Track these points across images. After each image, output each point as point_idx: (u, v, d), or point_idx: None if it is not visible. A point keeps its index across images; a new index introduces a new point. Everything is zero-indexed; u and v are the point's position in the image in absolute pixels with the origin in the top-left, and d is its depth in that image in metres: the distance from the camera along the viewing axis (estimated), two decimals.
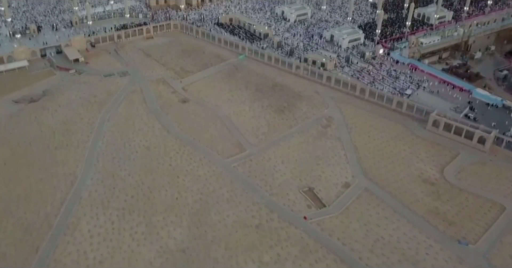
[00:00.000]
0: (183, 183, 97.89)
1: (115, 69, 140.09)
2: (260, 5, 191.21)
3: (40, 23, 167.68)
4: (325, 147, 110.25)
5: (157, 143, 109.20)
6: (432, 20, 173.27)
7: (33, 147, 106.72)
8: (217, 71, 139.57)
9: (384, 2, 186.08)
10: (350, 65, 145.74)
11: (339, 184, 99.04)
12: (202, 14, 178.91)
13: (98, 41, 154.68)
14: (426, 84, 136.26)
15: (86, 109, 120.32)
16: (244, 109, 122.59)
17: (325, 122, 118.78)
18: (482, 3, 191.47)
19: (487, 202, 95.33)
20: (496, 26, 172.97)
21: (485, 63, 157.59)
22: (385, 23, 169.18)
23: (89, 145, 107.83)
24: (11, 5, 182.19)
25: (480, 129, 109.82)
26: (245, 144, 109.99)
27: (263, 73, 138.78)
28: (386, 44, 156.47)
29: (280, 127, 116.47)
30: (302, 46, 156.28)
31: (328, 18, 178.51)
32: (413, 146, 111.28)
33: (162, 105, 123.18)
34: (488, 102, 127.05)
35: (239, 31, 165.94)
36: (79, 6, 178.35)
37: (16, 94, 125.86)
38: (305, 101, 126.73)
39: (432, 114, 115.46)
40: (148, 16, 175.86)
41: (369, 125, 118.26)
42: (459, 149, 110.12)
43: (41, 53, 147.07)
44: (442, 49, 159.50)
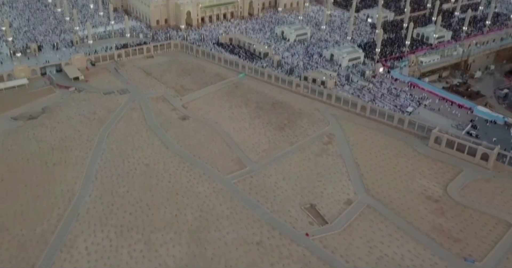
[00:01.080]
0: (182, 200, 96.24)
1: (115, 87, 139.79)
2: (260, 25, 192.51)
3: (41, 42, 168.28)
4: (326, 163, 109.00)
5: (156, 159, 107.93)
6: (431, 39, 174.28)
7: (30, 164, 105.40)
8: (217, 89, 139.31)
9: (383, 23, 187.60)
10: (350, 84, 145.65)
11: (341, 200, 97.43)
12: (202, 35, 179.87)
13: (98, 60, 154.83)
14: (427, 101, 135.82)
15: (85, 126, 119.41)
16: (244, 126, 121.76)
17: (326, 139, 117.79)
18: (481, 23, 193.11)
19: (492, 219, 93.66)
20: (495, 46, 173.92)
21: (485, 82, 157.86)
22: (384, 43, 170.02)
23: (88, 161, 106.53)
24: (13, 25, 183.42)
25: (482, 145, 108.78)
26: (246, 161, 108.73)
27: (263, 91, 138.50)
28: (386, 63, 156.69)
29: (280, 144, 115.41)
30: (302, 65, 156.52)
31: (327, 38, 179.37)
32: (415, 163, 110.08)
33: (162, 122, 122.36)
34: (487, 119, 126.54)
35: (239, 51, 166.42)
36: (79, 26, 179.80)
37: (15, 112, 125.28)
38: (306, 118, 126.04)
39: (434, 131, 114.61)
40: (148, 36, 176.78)
41: (371, 143, 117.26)
42: (461, 166, 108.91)
43: (41, 71, 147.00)
44: (442, 68, 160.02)
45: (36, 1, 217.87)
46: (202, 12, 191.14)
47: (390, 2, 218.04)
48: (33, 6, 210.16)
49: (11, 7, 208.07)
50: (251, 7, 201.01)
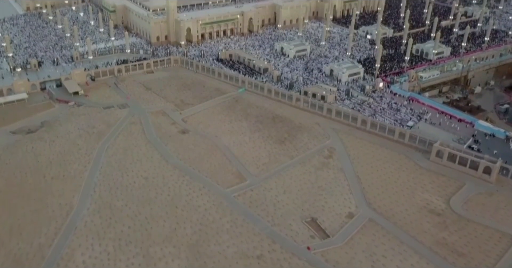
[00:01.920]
0: (182, 213, 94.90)
1: (114, 101, 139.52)
2: (259, 42, 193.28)
3: (41, 58, 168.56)
4: (327, 177, 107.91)
5: (155, 173, 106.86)
6: (430, 55, 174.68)
7: (28, 177, 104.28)
8: (217, 104, 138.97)
9: (382, 39, 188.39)
10: (351, 98, 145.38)
11: (342, 214, 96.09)
12: (202, 51, 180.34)
13: (98, 75, 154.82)
14: (428, 116, 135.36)
15: (84, 140, 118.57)
16: (244, 140, 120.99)
17: (327, 153, 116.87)
18: (479, 40, 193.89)
19: (496, 233, 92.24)
20: (494, 62, 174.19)
21: (485, 97, 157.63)
22: (384, 59, 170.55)
23: (86, 175, 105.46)
24: (13, 41, 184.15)
25: (485, 159, 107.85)
26: (246, 174, 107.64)
27: (263, 106, 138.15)
28: (385, 78, 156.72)
29: (281, 158, 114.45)
30: (302, 80, 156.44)
31: (327, 54, 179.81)
32: (417, 177, 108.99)
33: (161, 136, 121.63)
34: (486, 133, 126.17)
35: (238, 66, 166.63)
36: (80, 42, 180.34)
37: (14, 126, 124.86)
38: (306, 132, 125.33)
39: (435, 144, 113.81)
40: (148, 52, 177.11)
41: (372, 156, 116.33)
42: (464, 179, 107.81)
43: (41, 86, 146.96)
44: (442, 83, 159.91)
45: (37, 18, 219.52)
46: (202, 29, 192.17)
47: (389, 19, 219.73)
48: (34, 23, 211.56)
49: (12, 24, 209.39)
50: (251, 24, 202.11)
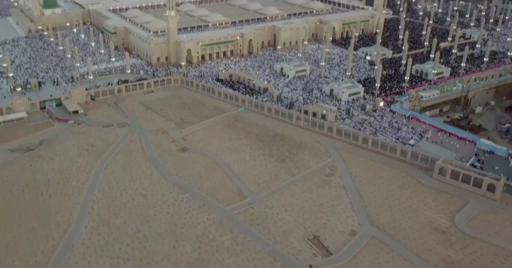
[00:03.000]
0: (181, 231, 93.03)
1: (114, 120, 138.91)
2: (259, 63, 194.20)
3: (42, 78, 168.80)
4: (329, 195, 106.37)
5: (154, 190, 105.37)
6: (430, 76, 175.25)
7: (26, 195, 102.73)
8: (217, 122, 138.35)
9: (382, 60, 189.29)
10: (351, 117, 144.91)
11: (345, 232, 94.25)
12: (202, 71, 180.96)
13: (99, 94, 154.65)
14: (429, 135, 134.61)
15: (83, 158, 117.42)
16: (244, 158, 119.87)
17: (328, 171, 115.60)
18: (478, 61, 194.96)
19: (502, 251, 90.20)
20: (494, 82, 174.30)
21: (486, 117, 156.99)
22: (384, 79, 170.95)
23: (85, 192, 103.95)
24: (14, 62, 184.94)
25: (488, 176, 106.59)
26: (246, 192, 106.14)
27: (263, 124, 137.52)
28: (386, 98, 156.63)
29: (282, 175, 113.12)
30: (302, 100, 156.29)
31: (327, 74, 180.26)
32: (420, 194, 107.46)
33: (161, 154, 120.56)
34: (485, 150, 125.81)
35: (238, 86, 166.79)
36: (80, 63, 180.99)
37: (13, 144, 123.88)
38: (307, 150, 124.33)
39: (437, 162, 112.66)
40: (149, 73, 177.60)
41: (374, 174, 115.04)
42: (468, 197, 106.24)
43: (41, 105, 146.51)
44: (442, 103, 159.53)
45: (39, 40, 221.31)
46: (202, 50, 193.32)
47: (387, 41, 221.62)
48: (35, 45, 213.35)
49: (14, 46, 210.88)
50: (251, 45, 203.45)
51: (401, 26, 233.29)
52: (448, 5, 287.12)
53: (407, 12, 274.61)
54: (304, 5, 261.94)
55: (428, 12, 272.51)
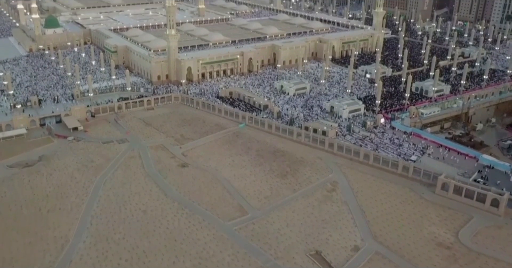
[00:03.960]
0: (181, 246, 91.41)
1: (114, 136, 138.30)
2: (259, 81, 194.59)
3: (42, 96, 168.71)
4: (331, 210, 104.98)
5: (154, 206, 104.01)
6: (430, 93, 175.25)
7: (24, 210, 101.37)
8: (217, 138, 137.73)
9: (382, 78, 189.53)
10: (352, 134, 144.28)
11: (348, 247, 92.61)
12: (202, 89, 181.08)
13: (99, 111, 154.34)
14: (430, 151, 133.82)
15: (82, 174, 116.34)
16: (245, 173, 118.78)
17: (330, 187, 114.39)
18: (478, 78, 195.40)
19: (508, 266, 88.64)
20: (494, 99, 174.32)
21: (487, 134, 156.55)
22: (384, 96, 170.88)
23: (83, 208, 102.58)
24: (15, 80, 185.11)
25: (492, 191, 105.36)
26: (247, 207, 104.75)
27: (264, 140, 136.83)
28: (386, 115, 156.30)
29: (283, 191, 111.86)
30: (302, 117, 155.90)
31: (327, 92, 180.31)
32: (423, 210, 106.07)
33: (161, 169, 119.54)
34: (484, 165, 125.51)
35: (239, 104, 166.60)
36: (81, 81, 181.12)
37: (11, 160, 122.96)
38: (308, 166, 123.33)
39: (440, 177, 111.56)
40: (149, 91, 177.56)
41: (376, 190, 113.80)
42: (471, 212, 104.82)
43: (40, 122, 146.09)
44: (443, 120, 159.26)
45: (40, 59, 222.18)
46: (203, 68, 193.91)
47: (387, 60, 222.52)
48: (36, 64, 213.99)
49: (14, 65, 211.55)
50: (251, 63, 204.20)
51: (400, 45, 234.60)
52: (446, 25, 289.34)
53: (406, 32, 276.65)
54: (303, 24, 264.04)
55: (427, 32, 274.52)
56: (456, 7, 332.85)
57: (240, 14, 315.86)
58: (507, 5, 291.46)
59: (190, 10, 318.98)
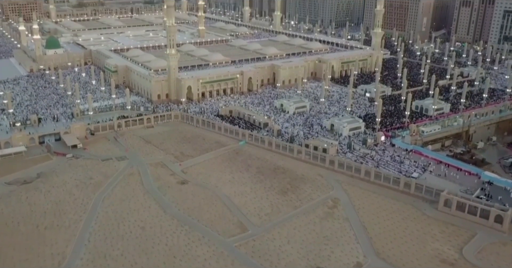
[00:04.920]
0: (180, 263, 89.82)
1: (113, 154, 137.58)
2: (259, 99, 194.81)
3: (42, 115, 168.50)
4: (333, 227, 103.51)
5: (153, 222, 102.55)
6: (430, 111, 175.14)
7: (21, 227, 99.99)
8: (217, 156, 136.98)
9: (382, 97, 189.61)
10: (352, 152, 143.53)
11: (350, 264, 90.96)
12: (202, 108, 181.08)
13: (98, 129, 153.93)
14: (432, 168, 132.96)
15: (81, 191, 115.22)
16: (245, 190, 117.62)
17: (331, 204, 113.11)
18: (478, 97, 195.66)
19: None
20: (495, 117, 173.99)
21: (488, 152, 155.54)
22: (384, 115, 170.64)
23: (81, 225, 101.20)
24: (15, 99, 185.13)
25: (495, 207, 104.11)
26: (248, 224, 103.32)
27: (264, 158, 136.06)
28: (387, 133, 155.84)
29: (284, 208, 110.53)
30: (303, 135, 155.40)
31: (327, 111, 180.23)
32: (426, 226, 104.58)
33: (160, 186, 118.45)
34: (484, 181, 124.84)
35: (239, 122, 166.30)
36: (81, 100, 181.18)
37: (10, 177, 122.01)
38: (309, 183, 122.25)
39: (442, 193, 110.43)
40: (149, 109, 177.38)
41: (377, 206, 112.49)
42: (475, 229, 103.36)
43: (40, 140, 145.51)
44: (444, 138, 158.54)
45: (40, 79, 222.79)
46: (203, 87, 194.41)
47: (386, 79, 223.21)
48: (36, 83, 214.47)
49: (14, 84, 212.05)
50: (250, 83, 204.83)
51: (399, 65, 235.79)
52: (445, 46, 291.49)
53: (405, 53, 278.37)
54: (303, 45, 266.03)
55: (425, 52, 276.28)
56: (454, 28, 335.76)
57: (239, 36, 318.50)
58: (505, 26, 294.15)
59: (190, 32, 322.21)
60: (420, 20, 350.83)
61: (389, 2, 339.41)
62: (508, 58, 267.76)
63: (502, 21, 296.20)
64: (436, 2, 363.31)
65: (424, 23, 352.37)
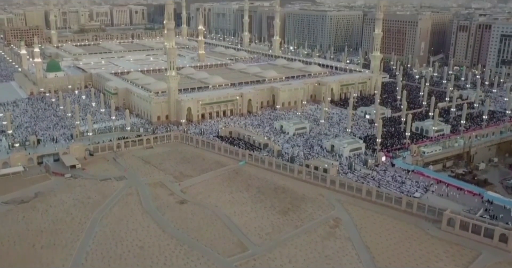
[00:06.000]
0: None
1: (112, 174, 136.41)
2: (259, 121, 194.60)
3: (41, 136, 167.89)
4: (335, 246, 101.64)
5: (151, 242, 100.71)
6: (430, 132, 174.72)
7: (17, 246, 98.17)
8: (217, 175, 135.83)
9: (381, 118, 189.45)
10: (353, 172, 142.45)
11: None
12: (202, 129, 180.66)
13: (97, 150, 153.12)
14: (434, 188, 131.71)
15: (79, 210, 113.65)
16: (246, 210, 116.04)
17: (332, 223, 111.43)
18: (478, 119, 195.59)
19: None
20: (496, 139, 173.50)
21: (490, 173, 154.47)
22: (384, 136, 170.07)
23: (79, 244, 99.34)
24: (15, 121, 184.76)
25: (500, 226, 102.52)
26: (248, 244, 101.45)
27: (264, 178, 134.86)
28: (388, 153, 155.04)
29: (285, 227, 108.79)
30: (303, 155, 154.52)
31: (327, 132, 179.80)
32: (430, 246, 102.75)
33: (159, 206, 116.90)
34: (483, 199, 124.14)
35: (238, 143, 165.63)
36: (81, 122, 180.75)
37: (7, 197, 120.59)
38: (310, 203, 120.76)
39: (445, 212, 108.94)
40: (149, 130, 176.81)
41: (380, 226, 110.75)
42: (480, 248, 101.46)
43: (38, 160, 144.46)
44: (445, 158, 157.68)
45: (40, 101, 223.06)
46: (203, 109, 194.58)
47: (386, 102, 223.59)
48: (36, 106, 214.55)
49: (14, 106, 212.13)
50: (250, 105, 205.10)
51: (398, 88, 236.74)
52: (443, 69, 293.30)
53: (404, 76, 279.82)
54: (302, 68, 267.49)
55: (424, 76, 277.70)
56: (452, 53, 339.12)
57: (239, 60, 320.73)
58: (502, 50, 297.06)
59: (190, 56, 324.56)
60: (418, 44, 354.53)
61: (387, 27, 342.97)
62: (507, 81, 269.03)
63: (499, 45, 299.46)
64: (434, 27, 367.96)
65: (422, 47, 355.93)
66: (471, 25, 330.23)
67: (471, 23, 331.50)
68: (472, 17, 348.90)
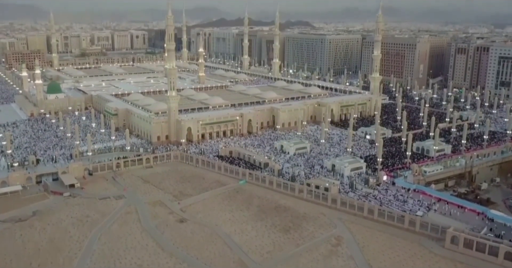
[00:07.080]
0: None
1: (111, 193, 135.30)
2: (259, 141, 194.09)
3: (41, 156, 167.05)
4: (337, 265, 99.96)
5: (150, 260, 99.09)
6: (431, 152, 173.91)
7: (13, 265, 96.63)
8: (217, 194, 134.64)
9: (382, 139, 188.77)
10: (355, 191, 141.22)
11: None
12: (202, 149, 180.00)
13: (97, 169, 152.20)
14: (436, 206, 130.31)
15: (77, 228, 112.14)
16: (246, 228, 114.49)
17: (334, 242, 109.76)
18: (478, 139, 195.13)
19: None
20: (497, 158, 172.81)
21: (493, 193, 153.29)
22: (385, 156, 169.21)
23: (76, 262, 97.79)
24: (14, 142, 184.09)
25: (504, 244, 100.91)
26: (249, 262, 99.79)
27: (265, 196, 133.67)
28: (389, 173, 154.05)
29: (286, 246, 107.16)
30: (304, 175, 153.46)
31: (327, 152, 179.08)
32: (434, 264, 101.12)
33: (158, 225, 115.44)
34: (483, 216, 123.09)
35: (239, 162, 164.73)
36: (80, 142, 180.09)
37: (4, 215, 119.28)
38: (311, 221, 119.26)
39: (449, 230, 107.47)
40: (149, 150, 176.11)
41: (382, 245, 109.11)
42: (484, 267, 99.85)
43: (37, 179, 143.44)
44: (447, 178, 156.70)
45: (40, 122, 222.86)
46: (203, 129, 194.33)
47: (386, 122, 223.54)
48: (36, 127, 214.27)
49: (14, 127, 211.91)
50: (250, 125, 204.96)
51: (398, 109, 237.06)
52: (442, 91, 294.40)
53: (403, 98, 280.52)
54: (301, 90, 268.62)
55: (424, 98, 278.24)
56: (451, 75, 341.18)
57: (239, 82, 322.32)
58: (501, 72, 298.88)
59: (191, 79, 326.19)
60: (417, 67, 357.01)
61: (386, 50, 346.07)
62: (506, 103, 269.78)
63: (498, 67, 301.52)
64: (432, 50, 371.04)
65: (421, 70, 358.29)
66: (469, 47, 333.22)
67: (469, 45, 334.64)
68: (470, 40, 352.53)
